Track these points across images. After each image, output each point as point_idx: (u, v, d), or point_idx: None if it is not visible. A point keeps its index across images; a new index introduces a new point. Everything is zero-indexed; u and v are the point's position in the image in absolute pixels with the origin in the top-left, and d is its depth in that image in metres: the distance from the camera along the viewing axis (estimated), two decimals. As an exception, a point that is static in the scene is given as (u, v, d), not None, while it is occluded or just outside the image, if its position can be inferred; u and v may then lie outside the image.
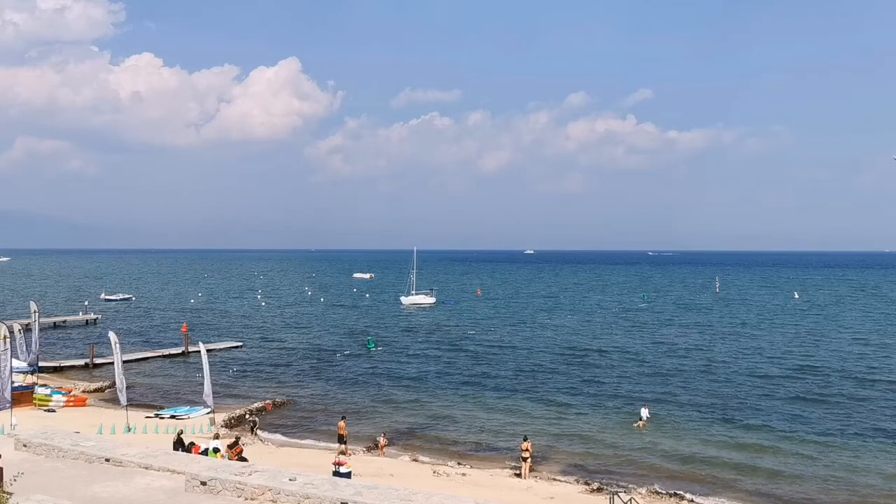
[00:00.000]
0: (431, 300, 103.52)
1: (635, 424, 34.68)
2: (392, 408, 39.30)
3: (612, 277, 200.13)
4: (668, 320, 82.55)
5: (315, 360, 55.65)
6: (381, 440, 30.59)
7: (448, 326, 77.26)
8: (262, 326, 78.67)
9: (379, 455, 29.87)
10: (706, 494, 25.51)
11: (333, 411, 38.71)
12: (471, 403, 39.93)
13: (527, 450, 27.50)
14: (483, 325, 77.52)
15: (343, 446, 29.96)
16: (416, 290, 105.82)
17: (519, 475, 27.17)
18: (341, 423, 31.07)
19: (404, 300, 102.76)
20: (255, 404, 38.36)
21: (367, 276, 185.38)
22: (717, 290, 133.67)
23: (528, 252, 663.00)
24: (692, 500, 24.77)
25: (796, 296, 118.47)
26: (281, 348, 62.18)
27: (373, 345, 61.69)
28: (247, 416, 35.68)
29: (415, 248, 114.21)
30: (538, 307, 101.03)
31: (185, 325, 71.08)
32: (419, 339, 66.81)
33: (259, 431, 32.67)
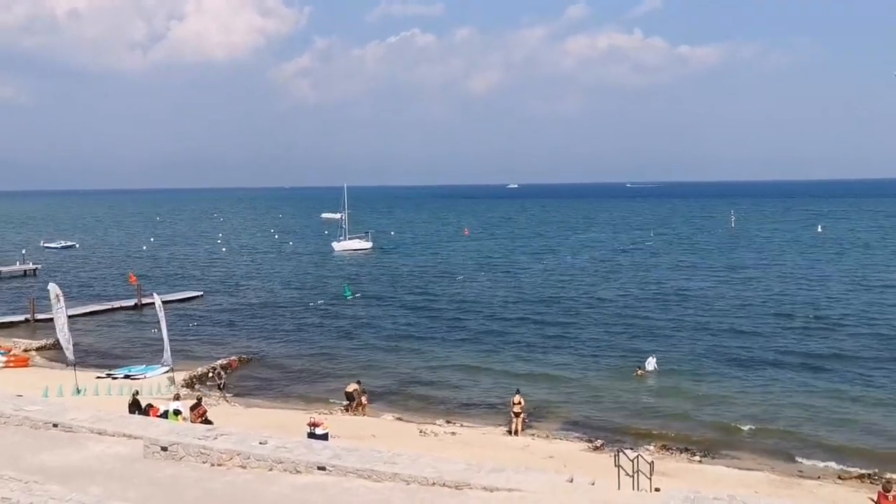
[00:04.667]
0: (368, 245, 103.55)
1: (635, 373, 35.37)
2: (373, 362, 39.57)
3: (606, 213, 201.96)
4: (677, 260, 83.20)
5: (285, 311, 55.79)
6: (362, 398, 30.87)
7: (425, 273, 77.46)
8: (224, 274, 78.55)
9: (360, 414, 30.17)
10: (718, 449, 26.10)
11: (306, 367, 39.01)
12: (459, 357, 40.30)
13: (518, 403, 27.78)
14: (464, 270, 77.74)
15: (352, 404, 30.31)
16: (349, 233, 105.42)
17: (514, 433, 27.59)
18: (353, 384, 31.18)
19: (336, 246, 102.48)
20: (220, 361, 38.44)
21: (338, 215, 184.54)
22: (732, 225, 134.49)
23: (512, 186, 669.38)
24: (704, 455, 25.32)
25: (819, 229, 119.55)
26: (246, 298, 62.20)
27: (349, 293, 61.82)
28: (211, 374, 35.85)
29: (345, 185, 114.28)
30: (525, 249, 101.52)
31: (132, 274, 70.72)
32: (399, 287, 66.99)
33: (226, 392, 32.83)
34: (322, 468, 15.57)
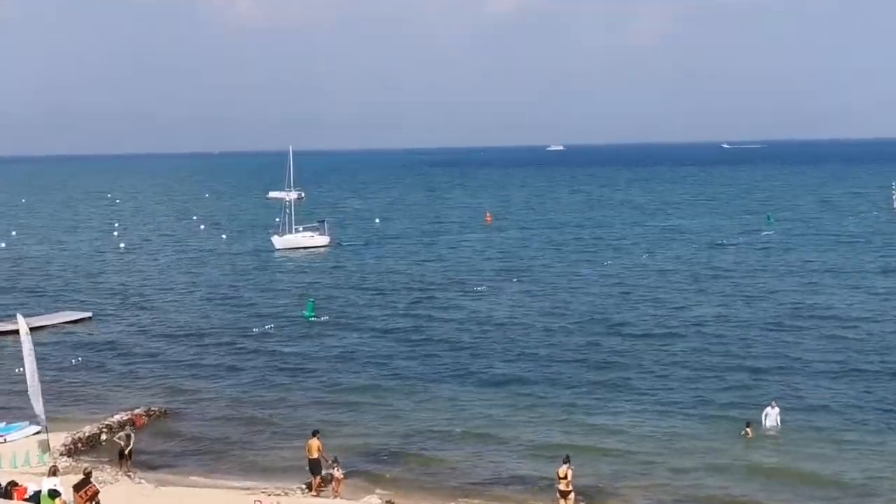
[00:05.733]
0: (323, 240, 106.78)
1: (744, 432, 35.39)
2: (350, 416, 39.69)
3: (694, 186, 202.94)
4: (806, 261, 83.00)
5: (214, 341, 55.94)
6: (335, 471, 30.90)
7: (420, 282, 77.36)
8: (123, 285, 78.81)
9: (332, 495, 30.18)
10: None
11: (246, 425, 39.02)
12: (476, 410, 40.27)
13: (565, 477, 27.94)
14: (482, 278, 77.56)
15: (317, 479, 30.79)
16: (296, 222, 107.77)
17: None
18: (312, 442, 31.43)
19: (277, 241, 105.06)
20: (117, 416, 38.41)
21: (294, 195, 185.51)
22: (895, 206, 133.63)
23: (554, 149, 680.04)
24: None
25: None
26: (156, 322, 62.44)
27: (312, 311, 61.84)
28: (105, 436, 35.74)
29: (290, 148, 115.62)
30: (575, 244, 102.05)
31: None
32: (381, 305, 66.93)
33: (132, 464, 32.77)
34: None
